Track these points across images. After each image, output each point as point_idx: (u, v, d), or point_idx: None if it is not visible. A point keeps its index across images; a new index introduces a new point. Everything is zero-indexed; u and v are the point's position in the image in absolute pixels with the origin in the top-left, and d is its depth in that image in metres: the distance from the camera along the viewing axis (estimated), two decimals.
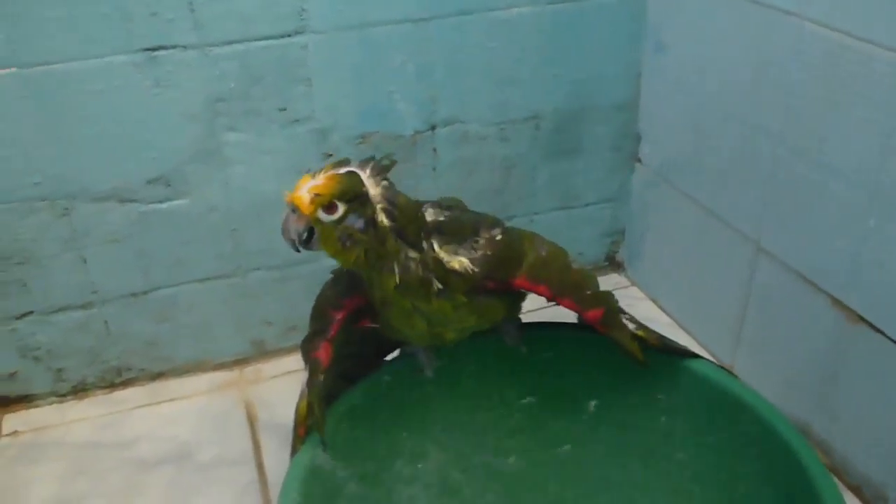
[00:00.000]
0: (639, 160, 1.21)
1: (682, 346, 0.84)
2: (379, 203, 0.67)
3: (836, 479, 0.89)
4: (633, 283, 1.29)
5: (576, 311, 0.77)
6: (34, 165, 0.92)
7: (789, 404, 0.97)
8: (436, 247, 0.70)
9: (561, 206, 1.22)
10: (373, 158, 0.69)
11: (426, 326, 0.74)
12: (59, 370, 1.06)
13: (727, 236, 1.04)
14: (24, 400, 1.07)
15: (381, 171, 0.68)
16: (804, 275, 0.92)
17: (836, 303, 0.88)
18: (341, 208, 0.66)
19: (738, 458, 0.79)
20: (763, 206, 0.97)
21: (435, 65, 1.03)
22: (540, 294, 0.75)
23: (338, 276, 0.80)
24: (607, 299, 0.78)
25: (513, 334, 0.85)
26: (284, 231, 0.68)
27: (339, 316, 0.76)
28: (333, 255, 0.69)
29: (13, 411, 1.07)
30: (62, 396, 1.08)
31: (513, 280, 0.74)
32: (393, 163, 0.69)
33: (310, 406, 0.74)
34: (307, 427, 0.75)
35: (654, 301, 1.25)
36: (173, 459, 0.98)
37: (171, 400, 1.08)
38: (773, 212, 0.95)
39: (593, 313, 0.76)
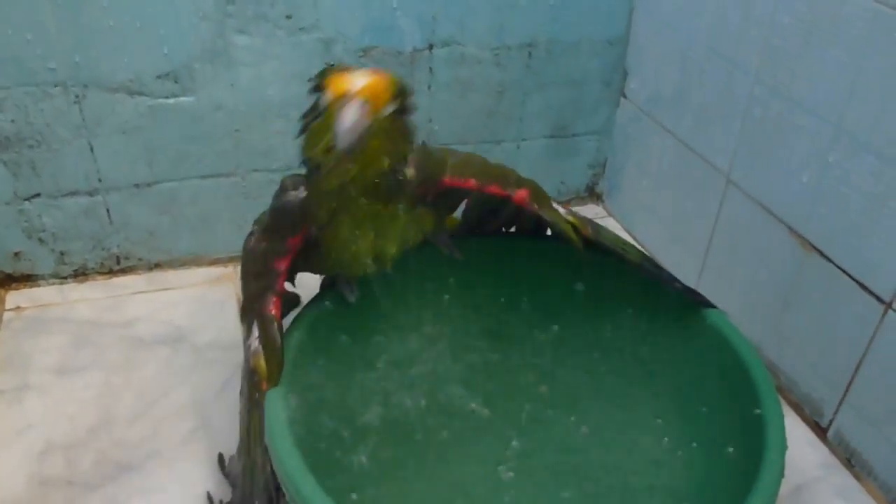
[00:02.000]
0: (624, 95, 1.27)
1: (614, 239, 0.88)
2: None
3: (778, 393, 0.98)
4: (611, 215, 1.36)
5: (504, 196, 0.82)
6: (52, 51, 0.96)
7: (745, 328, 1.04)
8: None
9: (548, 134, 1.28)
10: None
11: (372, 239, 0.76)
12: (62, 253, 1.12)
13: (701, 170, 1.10)
14: (28, 279, 1.13)
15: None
16: (767, 206, 0.99)
17: (793, 233, 0.95)
18: (392, 107, 0.67)
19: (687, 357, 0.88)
20: (737, 141, 1.03)
21: None
22: (468, 187, 0.81)
23: (267, 223, 0.80)
24: (532, 182, 0.83)
25: (446, 243, 0.91)
26: (351, 126, 0.63)
27: (283, 266, 0.77)
28: (368, 157, 0.68)
29: (16, 289, 1.12)
30: (63, 279, 1.14)
31: (442, 179, 0.80)
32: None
33: (268, 362, 0.74)
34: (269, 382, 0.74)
35: (629, 232, 1.32)
36: (170, 341, 1.05)
37: (168, 289, 1.15)
38: (746, 146, 1.02)
39: (521, 193, 0.81)
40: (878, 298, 0.85)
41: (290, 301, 0.86)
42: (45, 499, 0.83)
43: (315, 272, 0.87)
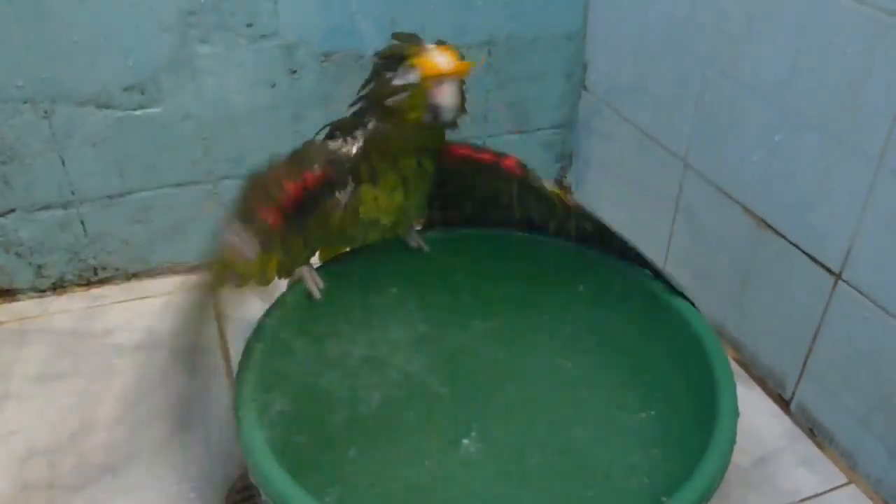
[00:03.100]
0: (585, 88, 1.30)
1: (594, 217, 0.92)
2: None
3: (740, 368, 1.01)
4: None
5: (494, 160, 0.88)
6: (19, 69, 0.99)
7: (709, 307, 1.07)
8: None
9: (513, 129, 1.30)
10: None
11: (401, 198, 0.83)
12: (40, 266, 1.14)
13: (662, 156, 1.13)
14: (6, 294, 1.15)
15: None
16: (722, 187, 1.02)
17: (747, 211, 0.98)
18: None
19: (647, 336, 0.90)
20: (692, 126, 1.06)
21: None
22: (465, 154, 0.88)
23: (297, 156, 0.81)
24: (514, 155, 0.90)
25: (413, 237, 0.95)
26: (453, 104, 0.76)
27: (294, 190, 0.77)
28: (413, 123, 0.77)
29: None
30: (42, 292, 1.16)
31: (449, 146, 0.87)
32: None
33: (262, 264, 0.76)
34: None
35: None
36: (147, 347, 1.07)
37: (146, 297, 1.17)
38: (700, 130, 1.05)
39: (509, 160, 0.88)
40: (829, 270, 0.88)
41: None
42: (27, 502, 0.85)
43: (315, 244, 0.90)
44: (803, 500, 0.88)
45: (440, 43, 0.77)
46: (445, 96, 0.75)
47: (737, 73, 0.95)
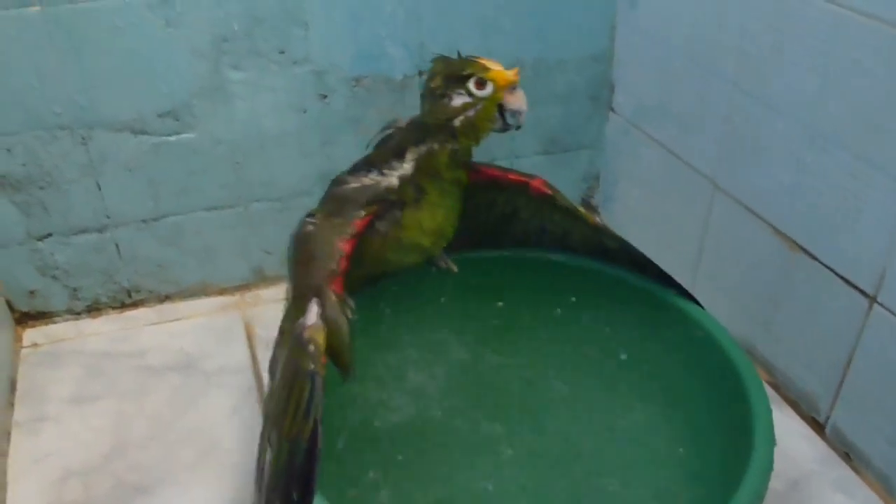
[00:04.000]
0: (612, 109, 1.30)
1: (615, 235, 0.94)
2: None
3: (772, 390, 1.00)
4: (607, 225, 1.39)
5: (522, 182, 0.90)
6: (56, 96, 1.01)
7: (739, 328, 1.07)
8: None
9: (541, 150, 1.31)
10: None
11: (441, 218, 0.84)
12: (75, 289, 1.16)
13: (689, 176, 1.13)
14: (43, 316, 1.17)
15: None
16: (752, 208, 1.02)
17: (778, 233, 0.98)
18: None
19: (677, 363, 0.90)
20: (719, 147, 1.06)
21: (424, 12, 1.12)
22: (492, 175, 0.90)
23: (329, 207, 0.81)
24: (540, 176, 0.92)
25: (442, 257, 0.94)
26: (524, 107, 0.81)
27: (347, 248, 0.77)
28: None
29: (32, 326, 1.17)
30: (77, 314, 1.18)
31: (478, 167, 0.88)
32: None
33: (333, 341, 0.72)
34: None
35: None
36: (180, 368, 1.08)
37: (178, 319, 1.18)
38: (728, 151, 1.04)
39: (536, 181, 0.90)
40: (863, 293, 0.87)
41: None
42: None
43: (357, 273, 0.88)
44: None
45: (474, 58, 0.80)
46: (520, 100, 0.80)
47: (764, 94, 0.95)
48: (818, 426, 0.98)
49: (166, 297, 1.21)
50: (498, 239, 0.98)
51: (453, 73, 0.79)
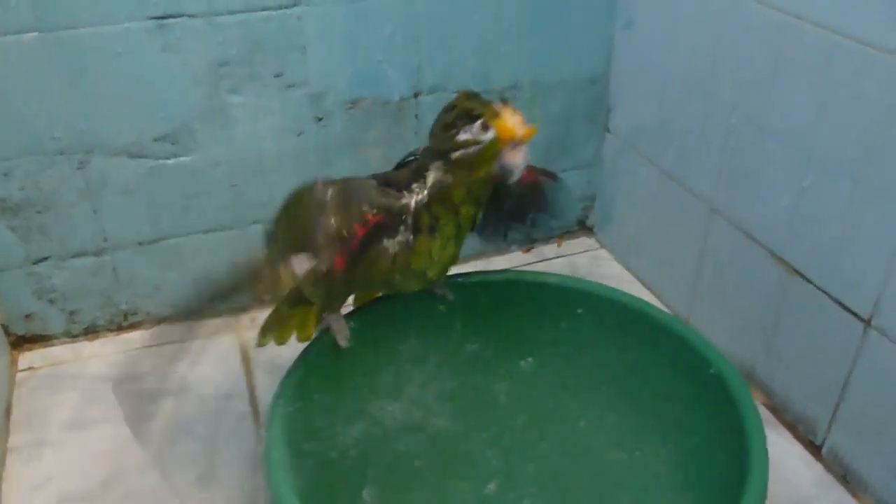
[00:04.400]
0: (609, 130, 1.30)
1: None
2: None
3: (770, 413, 1.00)
4: (603, 246, 1.39)
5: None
6: (55, 121, 1.01)
7: (737, 352, 1.07)
8: None
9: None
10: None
11: (444, 245, 0.84)
12: (72, 312, 1.16)
13: (686, 200, 1.14)
14: (39, 340, 1.17)
15: None
16: (749, 232, 1.02)
17: (775, 257, 0.98)
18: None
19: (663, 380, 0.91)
20: (717, 171, 1.06)
21: (421, 36, 1.12)
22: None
23: (354, 184, 0.83)
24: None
25: (439, 284, 0.95)
26: (520, 165, 0.78)
27: (361, 232, 0.79)
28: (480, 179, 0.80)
29: (29, 350, 1.16)
30: (74, 337, 1.18)
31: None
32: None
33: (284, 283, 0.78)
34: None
35: (621, 262, 1.35)
36: (176, 392, 1.08)
37: (175, 342, 1.18)
38: (726, 175, 1.05)
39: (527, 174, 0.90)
40: (858, 317, 0.88)
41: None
42: None
43: (354, 290, 0.93)
44: None
45: (504, 101, 0.79)
46: (517, 159, 0.78)
47: (762, 119, 0.96)
48: (815, 449, 0.98)
49: (163, 319, 1.21)
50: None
51: (467, 110, 0.79)
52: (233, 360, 1.14)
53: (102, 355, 1.15)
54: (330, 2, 1.06)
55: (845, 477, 0.94)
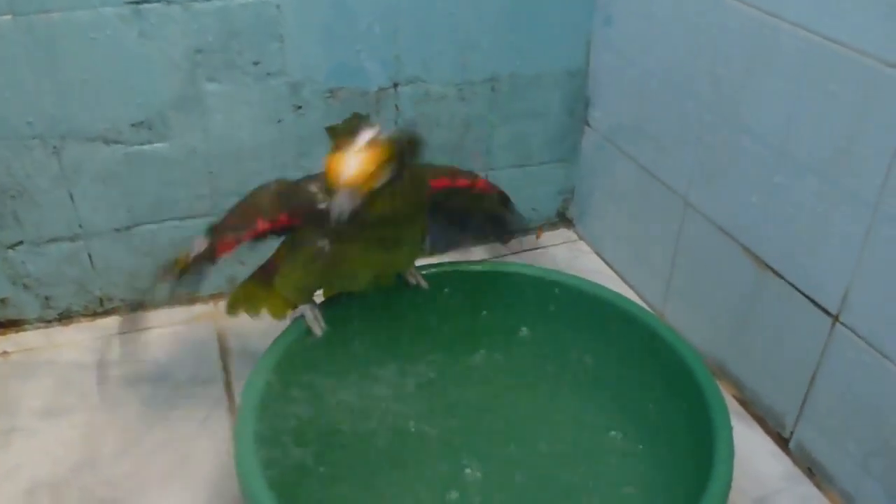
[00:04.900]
0: (588, 124, 1.31)
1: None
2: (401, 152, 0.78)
3: (739, 406, 1.02)
4: (581, 238, 1.40)
5: (468, 186, 0.94)
6: (29, 106, 1.01)
7: (709, 345, 1.08)
8: None
9: (516, 163, 1.32)
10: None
11: (380, 260, 0.85)
12: (47, 298, 1.16)
13: (662, 194, 1.14)
14: (14, 325, 1.16)
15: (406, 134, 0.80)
16: (722, 227, 1.03)
17: (747, 251, 0.99)
18: (388, 173, 0.76)
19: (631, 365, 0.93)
20: (692, 166, 1.07)
21: (400, 28, 1.12)
22: (444, 185, 0.91)
23: (284, 188, 0.86)
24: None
25: (412, 274, 0.97)
26: (341, 211, 0.74)
27: (262, 227, 0.83)
28: (378, 209, 0.78)
29: (3, 335, 1.16)
30: (48, 322, 1.18)
31: (430, 185, 0.87)
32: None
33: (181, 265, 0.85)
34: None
35: (599, 254, 1.36)
36: (152, 379, 1.08)
37: (150, 328, 1.18)
38: (700, 170, 1.06)
39: (481, 182, 0.96)
40: (826, 312, 0.89)
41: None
42: None
43: (319, 285, 0.94)
44: None
45: (378, 136, 0.76)
46: (336, 202, 0.75)
47: (736, 117, 0.97)
48: (783, 442, 0.99)
49: (139, 306, 1.21)
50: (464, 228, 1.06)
51: (340, 137, 0.78)
52: (210, 348, 1.14)
53: (77, 342, 1.15)
54: None
55: (811, 470, 0.96)
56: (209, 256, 0.84)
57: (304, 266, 0.87)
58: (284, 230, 0.87)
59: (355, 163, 0.75)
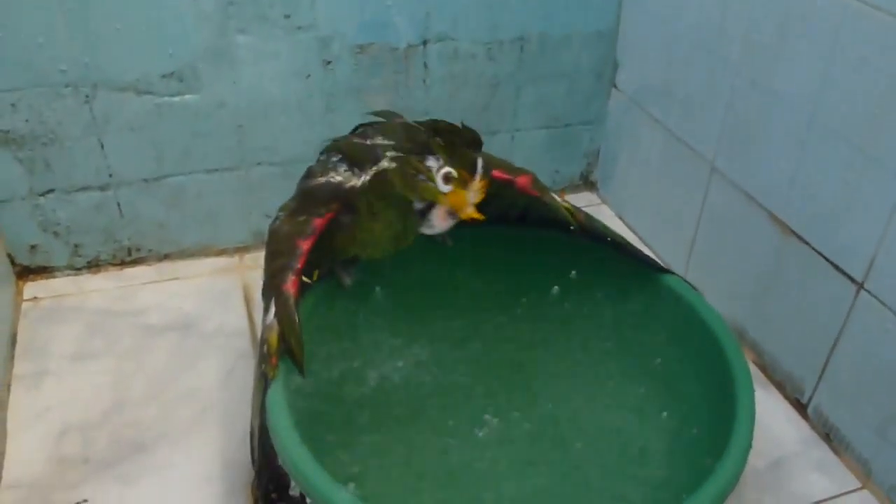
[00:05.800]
0: (615, 86, 1.30)
1: (603, 227, 0.94)
2: None
3: (759, 371, 1.02)
4: (604, 202, 1.40)
5: (507, 180, 0.88)
6: (63, 54, 1.01)
7: (730, 310, 1.09)
8: None
9: (542, 125, 1.32)
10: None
11: (399, 229, 0.84)
12: (76, 245, 1.17)
13: (688, 158, 1.14)
14: (43, 271, 1.18)
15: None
16: (749, 192, 1.03)
17: (773, 218, 0.99)
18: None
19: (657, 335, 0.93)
20: (720, 131, 1.07)
21: None
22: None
23: (294, 206, 0.84)
24: (531, 172, 0.91)
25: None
26: (438, 229, 0.79)
27: (306, 246, 0.80)
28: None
29: (33, 280, 1.18)
30: (77, 270, 1.19)
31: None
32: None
33: (281, 336, 0.75)
34: (279, 357, 0.76)
35: (622, 218, 1.36)
36: (178, 328, 1.10)
37: (177, 279, 1.20)
38: (728, 136, 1.05)
39: (523, 179, 0.89)
40: (851, 279, 0.89)
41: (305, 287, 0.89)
42: (62, 476, 0.89)
43: (332, 255, 0.91)
44: (816, 503, 0.90)
45: (485, 173, 0.78)
46: (442, 223, 0.79)
47: (767, 82, 0.96)
48: (801, 407, 1.00)
49: (166, 257, 1.23)
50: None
51: (451, 151, 0.78)
52: (235, 299, 1.16)
53: (105, 289, 1.17)
54: None
55: (829, 436, 0.97)
56: (289, 303, 0.77)
57: (330, 239, 0.84)
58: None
59: (473, 199, 0.78)
